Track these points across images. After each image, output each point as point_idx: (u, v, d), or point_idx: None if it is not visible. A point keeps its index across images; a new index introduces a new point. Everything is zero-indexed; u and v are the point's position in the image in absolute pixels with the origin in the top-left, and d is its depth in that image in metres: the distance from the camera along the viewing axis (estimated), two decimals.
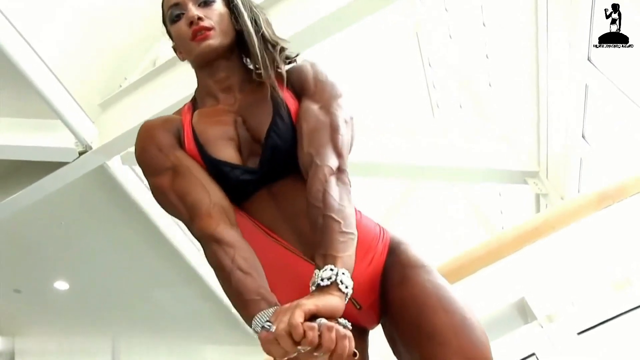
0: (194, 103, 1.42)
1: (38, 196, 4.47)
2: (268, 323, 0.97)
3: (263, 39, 1.36)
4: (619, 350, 2.24)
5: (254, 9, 1.41)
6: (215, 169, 1.27)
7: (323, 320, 0.94)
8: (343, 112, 1.31)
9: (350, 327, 0.98)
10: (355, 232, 1.14)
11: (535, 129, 4.90)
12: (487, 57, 5.51)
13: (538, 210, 5.49)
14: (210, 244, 1.16)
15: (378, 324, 1.39)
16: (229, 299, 1.11)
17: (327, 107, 1.30)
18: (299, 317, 0.92)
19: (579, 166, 4.73)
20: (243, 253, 1.14)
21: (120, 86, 4.47)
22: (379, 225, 1.40)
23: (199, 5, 1.36)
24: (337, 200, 1.14)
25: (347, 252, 1.08)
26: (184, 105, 1.44)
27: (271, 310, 1.01)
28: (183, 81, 1.38)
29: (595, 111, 4.29)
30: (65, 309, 6.36)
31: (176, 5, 1.37)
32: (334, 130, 1.26)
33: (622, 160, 4.21)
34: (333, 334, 0.92)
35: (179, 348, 7.44)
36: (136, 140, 1.37)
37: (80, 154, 4.22)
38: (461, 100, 6.86)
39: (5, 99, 4.16)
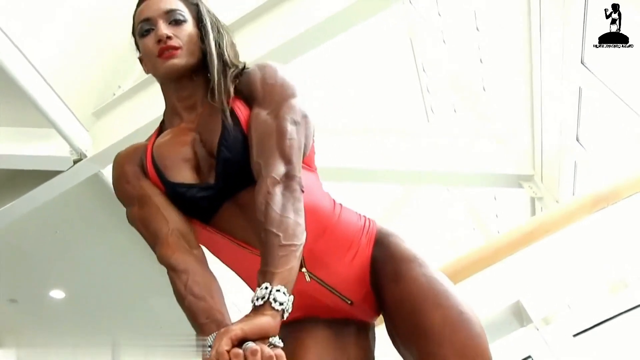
0: (162, 125, 1.43)
1: (33, 205, 4.46)
2: (209, 348, 1.02)
3: (223, 62, 1.36)
4: (615, 352, 2.24)
5: (221, 30, 1.41)
6: (173, 191, 1.28)
7: (249, 344, 0.96)
8: (293, 113, 1.28)
9: (281, 345, 1.01)
10: (300, 242, 1.12)
11: (530, 133, 4.91)
12: (481, 62, 5.53)
13: (533, 213, 5.50)
14: (168, 271, 1.21)
15: (377, 316, 1.40)
16: (189, 320, 1.15)
17: (276, 111, 1.27)
18: (225, 345, 0.95)
19: (573, 169, 4.75)
20: (197, 278, 1.17)
21: (114, 94, 4.47)
22: (364, 217, 1.40)
23: (169, 23, 1.36)
24: (278, 212, 1.12)
25: (287, 265, 1.07)
26: (155, 129, 1.45)
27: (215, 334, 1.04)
28: None
29: (590, 114, 4.30)
30: (62, 318, 6.34)
31: (147, 20, 1.37)
32: (281, 135, 1.23)
33: (616, 163, 4.22)
34: (257, 357, 0.94)
35: (176, 355, 7.41)
36: (112, 174, 1.41)
37: (75, 162, 4.22)
38: (456, 105, 6.88)
39: None
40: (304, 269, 1.29)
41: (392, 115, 6.97)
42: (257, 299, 1.03)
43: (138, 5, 1.42)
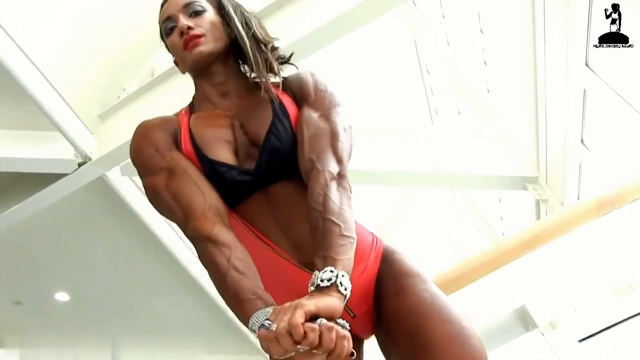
0: (191, 108, 1.43)
1: (38, 208, 4.48)
2: (268, 322, 0.98)
3: (255, 39, 1.37)
4: (621, 357, 2.23)
5: (245, 13, 1.43)
6: (212, 169, 1.28)
7: (323, 321, 0.95)
8: (342, 120, 1.33)
9: (349, 328, 0.99)
10: (355, 237, 1.14)
11: (534, 135, 4.90)
12: (485, 63, 5.52)
13: (538, 215, 5.48)
14: (205, 244, 1.16)
15: (372, 334, 1.38)
16: (224, 298, 1.12)
17: (327, 115, 1.31)
18: (299, 317, 0.93)
19: (578, 171, 4.73)
20: (239, 253, 1.15)
21: (119, 97, 4.48)
22: (372, 234, 1.41)
23: (189, 16, 1.39)
24: (337, 204, 1.16)
25: (347, 255, 1.10)
26: (181, 109, 1.44)
27: (269, 309, 1.02)
28: (182, 91, 1.41)
29: (594, 116, 4.29)
30: (66, 320, 6.35)
31: (169, 18, 1.40)
32: (334, 137, 1.27)
33: (621, 165, 4.20)
34: (333, 334, 0.93)
35: (180, 356, 7.43)
36: (132, 140, 1.38)
37: (80, 165, 4.23)
38: (460, 106, 6.87)
39: (4, 111, 4.16)
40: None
41: (396, 116, 6.98)
42: (322, 281, 1.03)
43: (160, 10, 1.45)
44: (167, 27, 1.41)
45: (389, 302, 1.29)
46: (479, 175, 5.37)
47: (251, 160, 1.30)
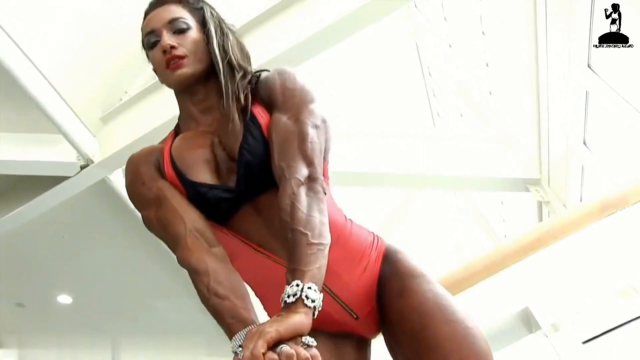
0: (177, 129, 1.44)
1: (40, 210, 4.47)
2: (240, 348, 1.01)
3: (229, 66, 1.37)
4: (625, 359, 2.23)
5: (225, 32, 1.42)
6: (194, 191, 1.29)
7: (284, 348, 0.95)
8: (313, 118, 1.30)
9: (315, 344, 1.00)
10: (327, 241, 1.14)
11: (536, 137, 4.90)
12: (487, 65, 5.52)
13: (540, 217, 5.48)
14: (189, 273, 1.21)
15: (378, 333, 1.38)
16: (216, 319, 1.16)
17: (297, 116, 1.29)
18: (260, 347, 0.94)
19: (580, 173, 4.72)
20: (219, 277, 1.17)
21: (121, 100, 4.48)
22: (373, 234, 1.40)
23: (173, 33, 1.37)
24: (304, 211, 1.14)
25: (316, 264, 1.09)
26: (169, 133, 1.45)
27: (244, 332, 1.05)
28: None
29: (597, 118, 4.28)
30: (69, 323, 6.35)
31: (152, 32, 1.39)
32: (302, 139, 1.25)
33: (624, 166, 4.20)
34: None
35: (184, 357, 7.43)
36: (125, 176, 1.42)
37: (82, 168, 4.23)
38: (462, 108, 6.86)
39: (6, 114, 4.17)
40: None
41: (398, 119, 6.98)
42: (289, 297, 1.03)
43: (144, 18, 1.44)
44: (150, 41, 1.39)
45: (393, 303, 1.29)
46: (481, 177, 5.37)
47: (233, 176, 1.30)
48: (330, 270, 1.25)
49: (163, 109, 3.99)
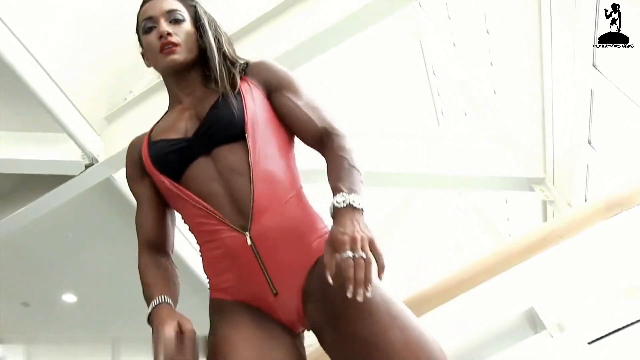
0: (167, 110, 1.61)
1: (45, 209, 4.49)
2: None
3: (223, 56, 1.53)
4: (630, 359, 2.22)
5: (218, 29, 1.57)
6: (153, 150, 1.46)
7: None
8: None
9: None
10: (362, 171, 1.33)
11: (541, 136, 4.89)
12: (492, 65, 5.51)
13: (545, 216, 5.47)
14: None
15: (303, 327, 1.40)
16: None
17: (309, 98, 1.50)
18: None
19: (585, 172, 4.71)
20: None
21: (126, 99, 4.48)
22: (327, 228, 1.43)
23: (170, 22, 1.52)
24: (357, 159, 1.35)
25: (355, 181, 1.28)
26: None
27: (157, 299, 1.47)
28: None
29: (601, 117, 4.27)
30: (73, 322, 6.36)
31: (150, 18, 1.54)
32: (327, 110, 1.48)
33: (628, 165, 4.19)
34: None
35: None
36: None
37: (87, 167, 4.24)
38: (466, 108, 6.85)
39: (12, 113, 4.18)
40: (247, 233, 1.32)
41: (402, 118, 6.96)
42: (338, 203, 1.23)
43: (142, 5, 1.58)
44: (146, 26, 1.54)
45: (338, 307, 1.26)
46: (485, 177, 5.36)
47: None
48: (265, 234, 1.33)
49: (167, 108, 3.99)
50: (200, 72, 1.54)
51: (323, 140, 1.42)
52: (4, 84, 3.82)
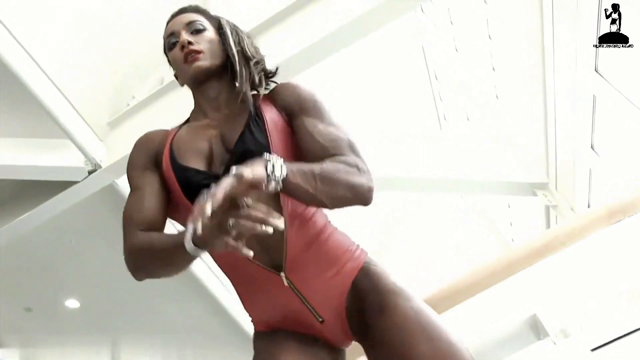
0: (189, 118, 1.56)
1: (48, 215, 4.48)
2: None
3: (243, 54, 1.50)
4: None
5: (240, 33, 1.56)
6: (182, 175, 1.39)
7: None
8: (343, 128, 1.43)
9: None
10: (319, 189, 1.21)
11: (544, 141, 4.89)
12: (494, 69, 5.51)
13: (548, 221, 5.46)
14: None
15: (348, 343, 1.42)
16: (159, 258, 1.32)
17: (335, 125, 1.42)
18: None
19: (588, 177, 4.71)
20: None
21: (129, 105, 4.48)
22: (357, 246, 1.44)
23: (191, 33, 1.51)
24: (340, 169, 1.25)
25: (302, 177, 1.19)
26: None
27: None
28: (191, 99, 1.45)
29: (604, 122, 4.27)
30: (76, 327, 6.36)
31: (172, 34, 1.53)
32: (351, 143, 1.39)
33: (631, 170, 4.18)
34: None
35: None
36: None
37: (90, 172, 4.23)
38: (468, 112, 6.85)
39: (14, 119, 4.18)
40: (282, 274, 1.33)
41: (405, 122, 6.96)
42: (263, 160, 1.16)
43: (166, 26, 1.58)
44: (170, 42, 1.53)
45: (374, 319, 1.30)
46: (488, 181, 5.36)
47: (224, 167, 1.37)
48: (300, 270, 1.33)
49: (170, 113, 3.99)
50: (227, 81, 1.50)
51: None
52: (7, 90, 3.83)
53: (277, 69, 1.56)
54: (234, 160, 1.33)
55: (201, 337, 6.51)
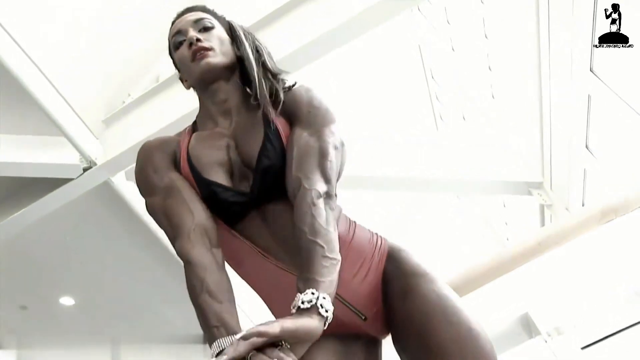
0: (194, 126, 1.46)
1: (43, 213, 4.47)
2: (219, 356, 0.99)
3: (263, 67, 1.41)
4: None
5: (256, 41, 1.46)
6: (208, 190, 1.30)
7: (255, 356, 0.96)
8: (334, 138, 1.33)
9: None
10: (339, 258, 1.15)
11: (539, 140, 4.90)
12: (490, 69, 5.52)
13: (543, 220, 5.47)
14: (185, 264, 1.21)
15: (387, 333, 1.38)
16: (198, 319, 1.15)
17: (319, 134, 1.32)
18: (242, 348, 0.95)
19: (583, 177, 4.72)
20: (214, 276, 1.17)
21: (124, 102, 4.48)
22: (376, 234, 1.41)
23: (199, 31, 1.42)
24: (323, 225, 1.16)
25: (330, 277, 1.10)
26: (186, 127, 1.48)
27: (228, 339, 1.05)
28: (187, 97, 1.43)
29: (599, 122, 4.28)
30: (71, 325, 6.35)
31: (178, 32, 1.45)
32: (323, 156, 1.28)
33: (626, 170, 4.20)
34: None
35: None
36: (136, 161, 1.42)
37: (85, 170, 4.22)
38: (465, 112, 6.86)
39: (9, 116, 4.18)
40: None
41: (401, 122, 6.97)
42: (303, 303, 1.04)
43: (171, 26, 1.50)
44: (177, 41, 1.45)
45: (397, 304, 1.29)
46: (484, 180, 5.37)
47: (245, 182, 1.32)
48: (340, 277, 1.26)
49: (166, 111, 4.00)
50: (237, 84, 1.43)
51: (295, 194, 1.24)
52: (2, 87, 3.83)
53: (294, 84, 1.44)
54: (258, 178, 1.29)
55: (198, 336, 6.51)
